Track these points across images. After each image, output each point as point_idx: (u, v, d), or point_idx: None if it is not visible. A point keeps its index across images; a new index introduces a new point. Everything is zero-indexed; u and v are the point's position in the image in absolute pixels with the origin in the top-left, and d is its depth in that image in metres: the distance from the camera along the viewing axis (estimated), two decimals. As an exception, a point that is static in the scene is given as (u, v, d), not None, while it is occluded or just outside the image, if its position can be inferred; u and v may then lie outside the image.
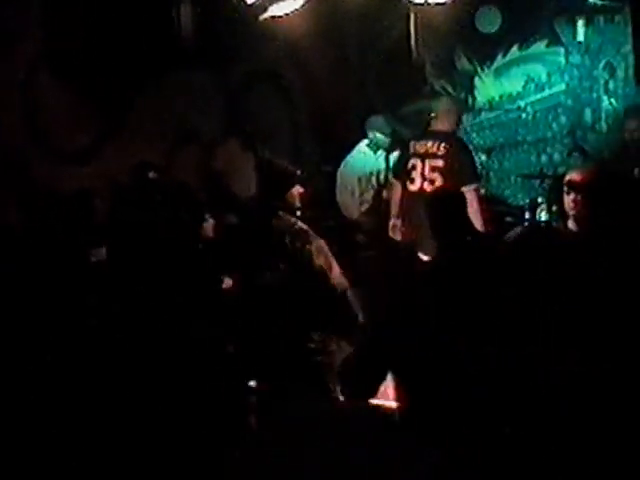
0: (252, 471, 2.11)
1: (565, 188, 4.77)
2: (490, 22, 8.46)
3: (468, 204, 6.66)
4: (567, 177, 4.90)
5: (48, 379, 3.33)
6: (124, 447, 3.01)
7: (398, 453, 2.08)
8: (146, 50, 7.83)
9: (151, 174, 7.00)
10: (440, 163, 6.80)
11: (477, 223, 6.63)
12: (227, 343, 4.35)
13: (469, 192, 6.61)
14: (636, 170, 6.92)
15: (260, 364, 3.04)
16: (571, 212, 4.72)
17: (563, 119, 8.58)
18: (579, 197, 4.65)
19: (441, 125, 6.97)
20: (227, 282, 5.88)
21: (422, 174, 6.84)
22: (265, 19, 7.81)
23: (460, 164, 6.84)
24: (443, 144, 6.86)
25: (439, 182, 6.79)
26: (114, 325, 3.67)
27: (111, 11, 7.71)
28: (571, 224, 4.73)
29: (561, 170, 7.49)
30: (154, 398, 3.11)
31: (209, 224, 6.28)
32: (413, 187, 6.90)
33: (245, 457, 2.17)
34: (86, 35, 7.73)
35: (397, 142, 7.63)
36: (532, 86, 8.76)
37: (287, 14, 7.61)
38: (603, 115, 8.37)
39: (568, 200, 4.74)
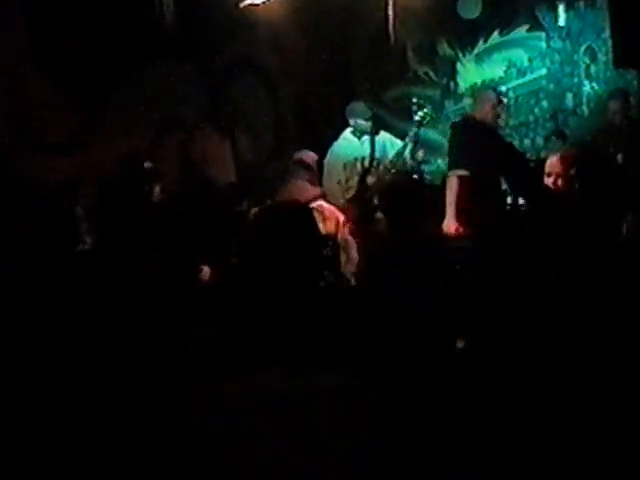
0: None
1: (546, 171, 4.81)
2: (471, 7, 8.46)
3: (448, 190, 6.74)
4: (548, 161, 4.95)
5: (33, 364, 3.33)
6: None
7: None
8: (128, 39, 7.81)
9: (146, 164, 6.98)
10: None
11: (448, 213, 6.63)
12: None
13: (450, 178, 6.69)
14: (619, 155, 6.96)
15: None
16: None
17: (545, 103, 8.61)
18: (557, 180, 4.69)
19: (475, 113, 7.13)
20: (205, 271, 5.88)
21: None
22: (246, 6, 7.81)
23: (450, 149, 6.95)
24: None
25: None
26: (98, 318, 3.67)
27: (93, 1, 7.70)
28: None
29: (543, 154, 7.54)
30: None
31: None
32: None
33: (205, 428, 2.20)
34: (69, 25, 7.71)
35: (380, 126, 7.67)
36: (514, 71, 8.79)
37: (267, 1, 7.61)
38: (584, 99, 8.40)
39: (547, 183, 4.78)
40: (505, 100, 7.10)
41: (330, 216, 5.76)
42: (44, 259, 4.61)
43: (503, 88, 8.71)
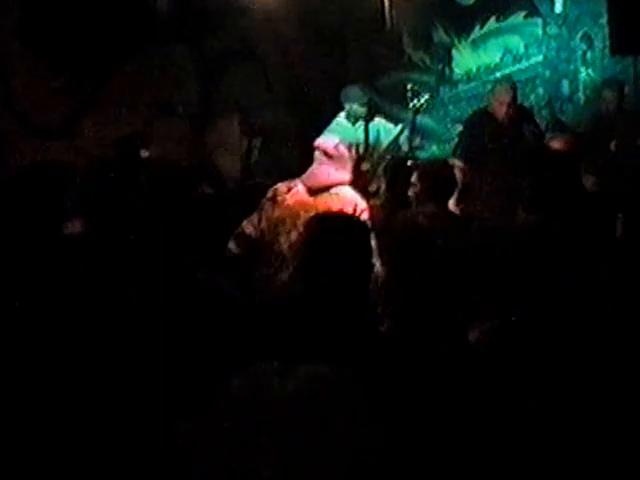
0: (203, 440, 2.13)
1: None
2: (468, -6, 8.48)
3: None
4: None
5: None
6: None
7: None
8: (123, 23, 7.79)
9: (143, 152, 6.96)
10: None
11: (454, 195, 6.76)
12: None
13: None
14: (612, 143, 6.95)
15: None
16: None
17: (540, 90, 8.59)
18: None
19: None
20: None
21: None
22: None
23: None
24: None
25: None
26: (87, 301, 3.65)
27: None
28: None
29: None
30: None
31: None
32: None
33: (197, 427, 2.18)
34: (63, 8, 7.68)
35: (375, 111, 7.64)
36: (510, 57, 8.77)
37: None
38: (580, 86, 8.38)
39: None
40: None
41: (347, 203, 5.61)
42: (34, 247, 4.59)
43: (498, 74, 8.74)
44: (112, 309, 3.51)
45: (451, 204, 6.89)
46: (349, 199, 5.51)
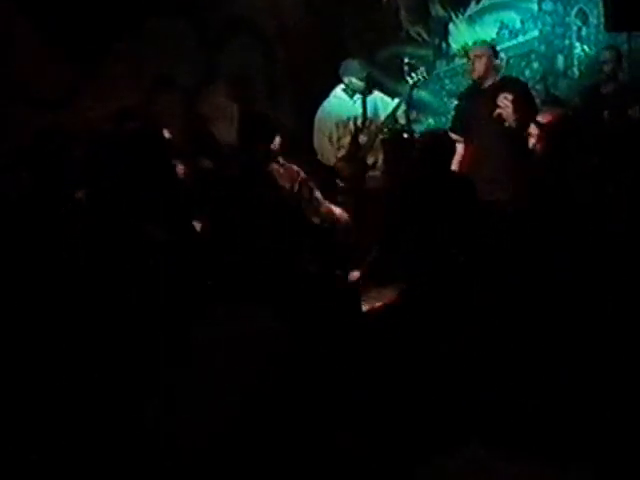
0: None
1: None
2: (464, -32, 8.52)
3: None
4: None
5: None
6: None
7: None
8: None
9: (130, 124, 7.00)
10: None
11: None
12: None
13: None
14: (605, 113, 7.02)
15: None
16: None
17: (536, 65, 8.66)
18: (536, 142, 4.76)
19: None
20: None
21: None
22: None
23: None
24: None
25: None
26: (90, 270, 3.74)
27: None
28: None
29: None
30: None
31: (179, 169, 6.34)
32: None
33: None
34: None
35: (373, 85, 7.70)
36: (506, 33, 8.82)
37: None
38: (575, 61, 8.44)
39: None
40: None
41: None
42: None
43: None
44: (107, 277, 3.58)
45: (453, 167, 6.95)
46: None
